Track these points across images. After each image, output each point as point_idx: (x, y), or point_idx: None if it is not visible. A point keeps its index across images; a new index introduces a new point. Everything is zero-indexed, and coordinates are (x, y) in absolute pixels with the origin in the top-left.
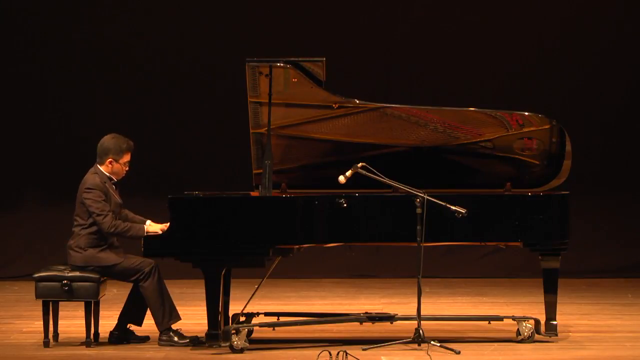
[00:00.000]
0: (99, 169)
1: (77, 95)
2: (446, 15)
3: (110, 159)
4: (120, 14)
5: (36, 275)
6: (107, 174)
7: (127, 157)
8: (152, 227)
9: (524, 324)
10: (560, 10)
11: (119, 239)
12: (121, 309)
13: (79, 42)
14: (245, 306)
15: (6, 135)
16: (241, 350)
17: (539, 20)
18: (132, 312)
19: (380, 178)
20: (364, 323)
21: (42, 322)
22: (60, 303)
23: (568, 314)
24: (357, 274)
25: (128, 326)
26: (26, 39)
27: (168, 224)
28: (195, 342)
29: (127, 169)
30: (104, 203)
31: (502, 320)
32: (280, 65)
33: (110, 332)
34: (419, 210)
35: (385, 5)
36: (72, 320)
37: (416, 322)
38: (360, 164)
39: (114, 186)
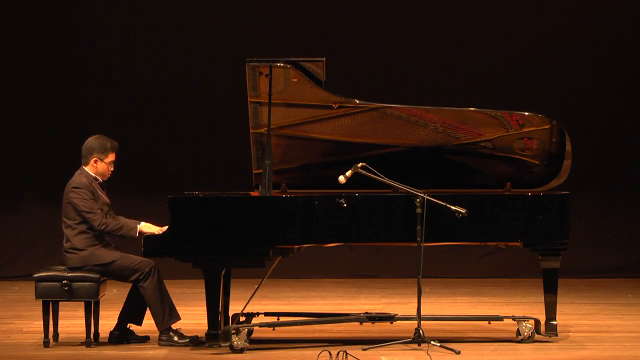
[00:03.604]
0: (84, 170)
1: (77, 96)
2: (446, 15)
3: (95, 158)
4: (119, 14)
5: (36, 275)
6: (93, 175)
7: (111, 157)
8: (147, 227)
9: (524, 324)
10: (560, 9)
11: (115, 240)
12: (121, 309)
13: (78, 43)
14: (245, 306)
15: (6, 135)
16: (241, 350)
17: (538, 20)
18: (132, 312)
19: (380, 178)
20: (364, 323)
21: (42, 322)
22: (60, 303)
23: (568, 314)
24: (357, 274)
25: (128, 326)
26: (26, 40)
27: (166, 227)
28: (195, 342)
29: (112, 169)
30: (92, 201)
31: (502, 320)
32: (280, 65)
33: (110, 332)
34: (419, 210)
35: (385, 6)
36: (72, 320)
37: (416, 322)
38: (360, 164)
39: (100, 186)
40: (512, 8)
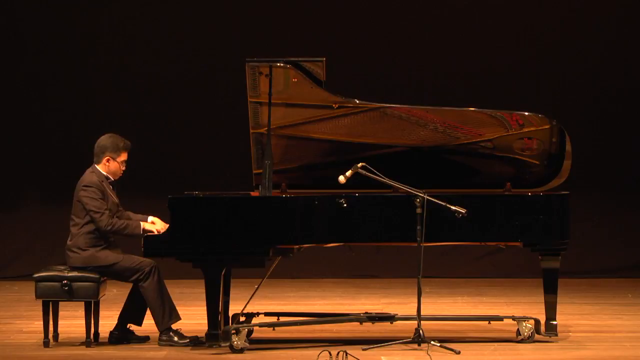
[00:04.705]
0: (96, 168)
1: (76, 96)
2: (446, 14)
3: (107, 157)
4: (119, 14)
5: (36, 275)
6: (105, 174)
7: (124, 156)
8: (150, 225)
9: (524, 324)
10: (560, 9)
11: (118, 239)
12: (121, 309)
13: (78, 43)
14: (245, 306)
15: (6, 135)
16: (241, 350)
17: (538, 19)
18: (132, 312)
19: (380, 178)
20: (364, 323)
21: (42, 322)
22: (60, 303)
23: (568, 314)
24: (357, 274)
25: (128, 326)
26: (26, 40)
27: (168, 225)
28: (195, 342)
29: (124, 168)
30: (101, 201)
31: (502, 320)
32: (280, 65)
33: (110, 332)
34: (419, 210)
35: (385, 6)
36: (72, 320)
37: (416, 322)
38: (360, 164)
39: (110, 186)
40: (513, 8)
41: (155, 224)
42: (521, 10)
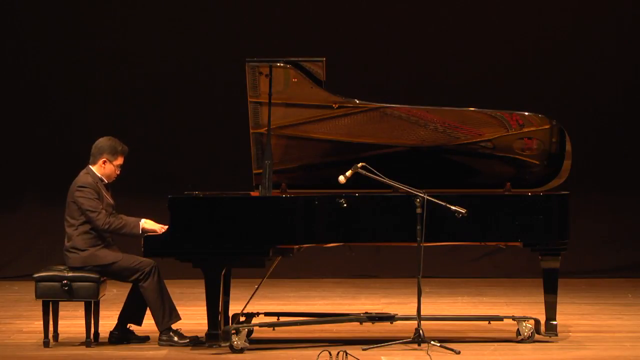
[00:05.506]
0: (91, 169)
1: (76, 96)
2: (446, 15)
3: (104, 159)
4: (118, 14)
5: (36, 275)
6: (99, 175)
7: (120, 160)
8: (148, 224)
9: (524, 324)
10: (559, 9)
11: (116, 239)
12: (121, 309)
13: (78, 43)
14: (245, 306)
15: (6, 135)
16: (241, 350)
17: (538, 19)
18: (131, 312)
19: (380, 178)
20: (364, 323)
21: (42, 322)
22: (60, 303)
23: (568, 314)
24: (357, 274)
25: (128, 326)
26: (26, 40)
27: (167, 226)
28: (195, 342)
29: (118, 172)
30: (97, 201)
31: (502, 320)
32: (280, 65)
33: (110, 332)
34: (419, 210)
35: (385, 6)
36: (72, 320)
37: (416, 322)
38: (360, 164)
39: (105, 187)
40: (512, 8)
41: (152, 226)
42: (521, 11)
